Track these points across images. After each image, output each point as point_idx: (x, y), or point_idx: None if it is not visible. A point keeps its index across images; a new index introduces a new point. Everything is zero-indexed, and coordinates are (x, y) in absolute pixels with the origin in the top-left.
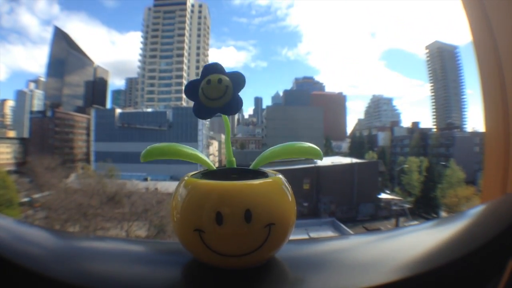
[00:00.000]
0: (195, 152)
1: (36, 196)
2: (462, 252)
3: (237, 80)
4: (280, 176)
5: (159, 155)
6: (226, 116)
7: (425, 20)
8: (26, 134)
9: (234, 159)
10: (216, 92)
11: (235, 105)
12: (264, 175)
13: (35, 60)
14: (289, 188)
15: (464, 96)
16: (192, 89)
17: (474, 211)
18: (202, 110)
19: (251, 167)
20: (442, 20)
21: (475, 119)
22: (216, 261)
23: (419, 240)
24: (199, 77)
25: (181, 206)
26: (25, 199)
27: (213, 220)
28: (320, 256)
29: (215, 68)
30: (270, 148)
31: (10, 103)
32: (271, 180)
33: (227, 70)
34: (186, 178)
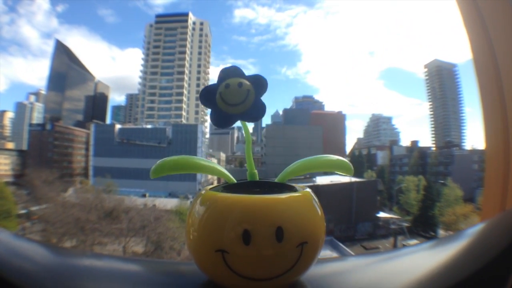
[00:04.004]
0: (212, 164)
1: (33, 208)
2: (463, 275)
3: (259, 83)
4: (309, 189)
5: (172, 170)
6: (246, 123)
7: (424, 38)
8: (24, 147)
9: (256, 171)
10: (236, 97)
11: (258, 111)
12: (290, 188)
13: (35, 72)
14: (318, 203)
15: (463, 114)
16: (208, 95)
17: (473, 230)
18: (221, 118)
19: (277, 180)
20: (441, 38)
21: (474, 136)
22: (238, 285)
23: (419, 263)
24: (215, 82)
25: (199, 223)
26: (23, 211)
27: (239, 239)
28: (333, 277)
29: (234, 71)
30: (297, 161)
31: (10, 115)
32: (301, 194)
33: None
34: (204, 192)
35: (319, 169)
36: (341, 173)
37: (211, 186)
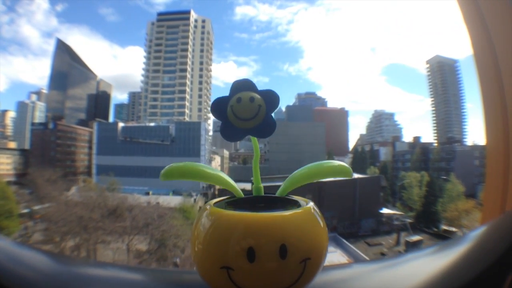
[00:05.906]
0: (220, 174)
1: (36, 207)
2: (464, 280)
3: (271, 99)
4: (311, 203)
5: (180, 176)
6: (256, 138)
7: (425, 34)
8: (27, 146)
9: (261, 186)
10: (248, 112)
11: (268, 128)
12: (294, 203)
13: (36, 72)
14: (320, 216)
15: (464, 110)
16: (219, 107)
17: (475, 234)
18: (231, 131)
19: (277, 193)
20: (443, 34)
21: (475, 132)
22: None
23: (422, 268)
24: (228, 94)
25: (204, 239)
26: (25, 211)
27: (244, 257)
28: (335, 285)
29: (246, 85)
30: (297, 171)
31: (11, 114)
32: (304, 210)
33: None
34: (208, 207)
35: (321, 177)
36: (342, 177)
37: (215, 200)
